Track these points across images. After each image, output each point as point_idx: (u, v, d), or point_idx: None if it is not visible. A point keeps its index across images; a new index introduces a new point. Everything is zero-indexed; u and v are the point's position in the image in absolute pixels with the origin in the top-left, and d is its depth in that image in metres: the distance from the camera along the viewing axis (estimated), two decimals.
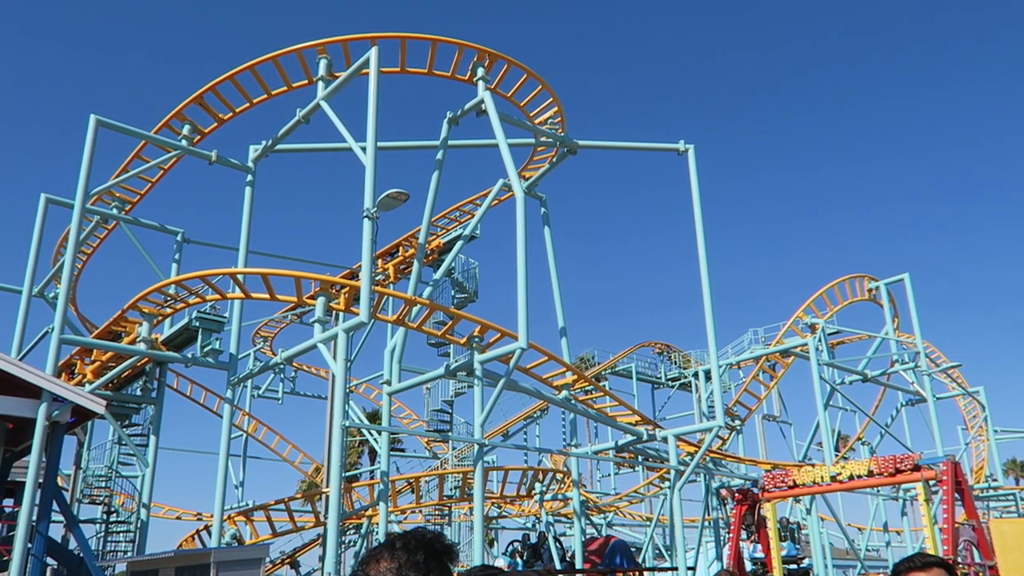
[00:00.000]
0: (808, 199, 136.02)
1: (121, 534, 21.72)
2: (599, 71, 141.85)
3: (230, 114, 22.11)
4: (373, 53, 18.95)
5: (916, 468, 18.26)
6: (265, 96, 21.69)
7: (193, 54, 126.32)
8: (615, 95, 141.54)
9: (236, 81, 21.32)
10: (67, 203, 22.36)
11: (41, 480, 14.94)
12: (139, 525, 20.14)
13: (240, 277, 18.66)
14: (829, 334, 32.72)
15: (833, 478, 19.67)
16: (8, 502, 18.78)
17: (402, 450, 36.81)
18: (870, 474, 19.05)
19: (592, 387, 24.51)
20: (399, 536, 1.97)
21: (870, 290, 35.95)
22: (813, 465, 24.24)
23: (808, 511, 28.75)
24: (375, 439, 26.57)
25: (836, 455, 31.39)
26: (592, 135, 24.90)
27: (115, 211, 22.64)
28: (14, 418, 15.06)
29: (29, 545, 14.36)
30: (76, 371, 21.06)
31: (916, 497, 24.39)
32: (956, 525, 17.62)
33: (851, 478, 19.43)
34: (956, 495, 17.80)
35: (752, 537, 22.33)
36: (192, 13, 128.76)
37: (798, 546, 27.63)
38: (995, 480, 38.35)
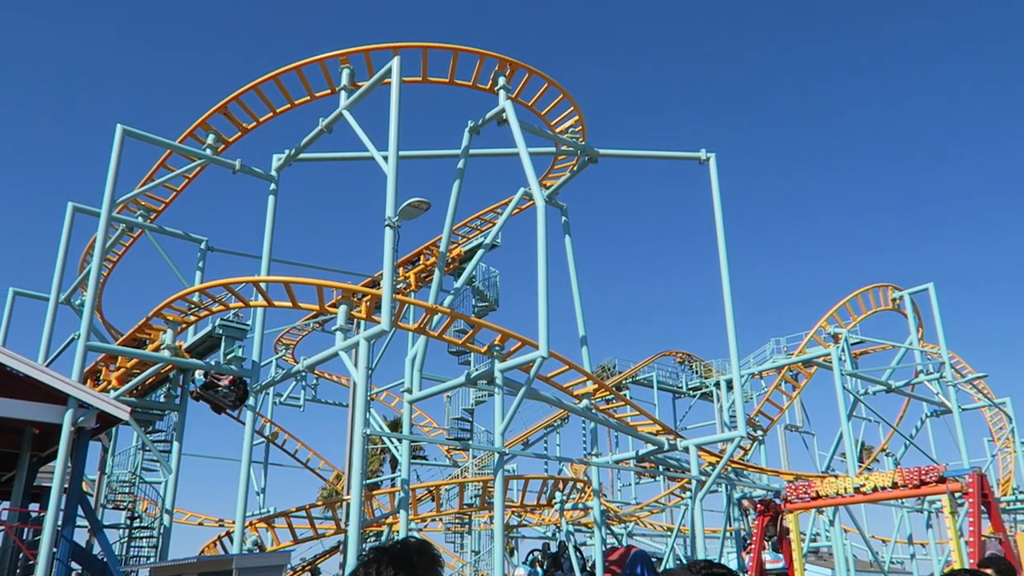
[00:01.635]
0: (831, 207, 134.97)
1: (144, 540, 21.89)
2: (620, 79, 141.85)
3: (254, 123, 22.32)
4: (395, 63, 19.07)
5: (941, 480, 18.04)
6: (288, 106, 21.87)
7: (218, 64, 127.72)
8: (636, 103, 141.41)
9: (260, 91, 21.52)
10: (94, 211, 22.64)
11: (66, 485, 15.12)
12: (162, 531, 20.27)
13: (263, 285, 18.81)
14: (852, 344, 32.43)
15: (857, 490, 19.48)
16: (34, 507, 19.01)
17: (423, 458, 36.89)
18: (894, 486, 18.84)
19: (613, 396, 24.43)
20: (364, 564, 1.96)
21: (894, 299, 35.63)
22: (836, 476, 24.00)
23: (831, 523, 28.47)
24: (396, 447, 26.63)
25: (860, 466, 31.05)
26: (613, 143, 24.99)
27: (140, 219, 22.90)
28: (40, 424, 15.26)
29: (54, 550, 14.52)
30: (101, 377, 21.29)
31: (942, 510, 24.08)
32: (983, 538, 17.40)
33: (875, 490, 19.23)
34: (982, 508, 17.57)
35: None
36: (217, 24, 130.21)
37: None
38: (1022, 493, 37.72)
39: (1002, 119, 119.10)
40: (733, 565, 29.44)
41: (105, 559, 16.74)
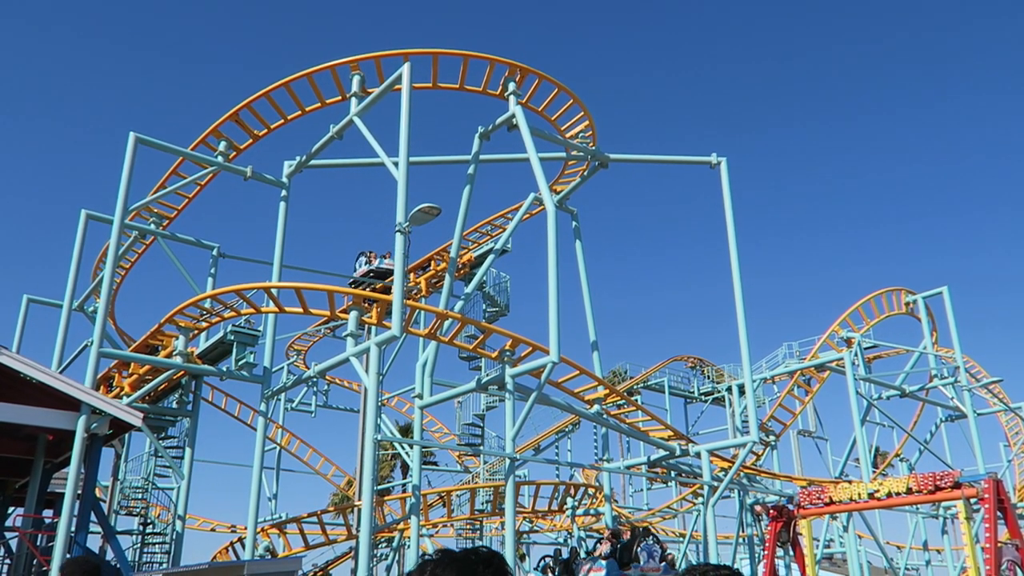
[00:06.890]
0: (844, 211, 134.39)
1: (156, 546, 21.99)
2: (631, 84, 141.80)
3: (265, 130, 22.42)
4: (405, 69, 19.10)
5: (956, 486, 17.85)
6: (299, 112, 21.96)
7: (229, 72, 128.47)
8: (647, 108, 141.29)
9: (271, 98, 21.62)
10: (107, 219, 22.78)
11: (79, 491, 15.18)
12: (174, 537, 20.34)
13: (274, 291, 18.86)
14: (865, 348, 32.22)
15: (871, 495, 19.31)
16: (47, 513, 19.09)
17: (434, 464, 36.85)
18: (909, 491, 18.66)
19: (624, 401, 24.35)
20: (426, 562, 1.91)
21: (907, 303, 35.38)
22: (850, 482, 23.82)
23: (845, 529, 28.27)
24: (407, 452, 26.62)
25: (874, 472, 30.84)
26: (624, 148, 24.85)
27: (153, 226, 23.02)
28: (54, 430, 15.34)
29: (67, 556, 14.57)
30: (114, 384, 21.40)
31: (957, 515, 23.88)
32: (999, 545, 17.21)
33: (889, 495, 19.05)
34: (998, 514, 17.39)
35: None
36: (228, 31, 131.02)
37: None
38: None
39: (1017, 122, 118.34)
40: (746, 571, 29.26)
41: (118, 565, 16.79)
